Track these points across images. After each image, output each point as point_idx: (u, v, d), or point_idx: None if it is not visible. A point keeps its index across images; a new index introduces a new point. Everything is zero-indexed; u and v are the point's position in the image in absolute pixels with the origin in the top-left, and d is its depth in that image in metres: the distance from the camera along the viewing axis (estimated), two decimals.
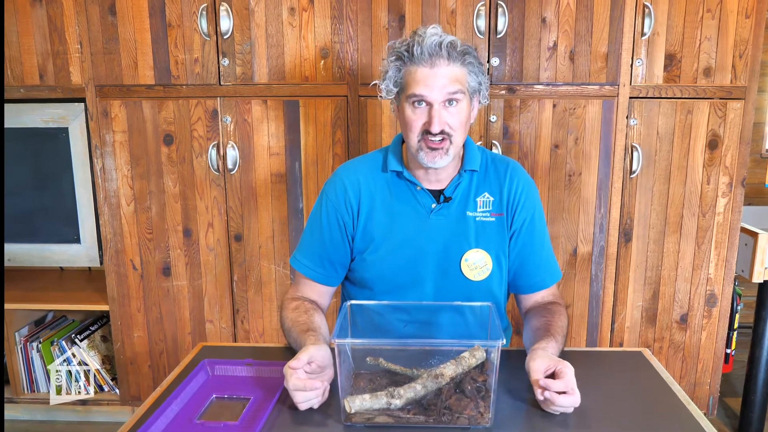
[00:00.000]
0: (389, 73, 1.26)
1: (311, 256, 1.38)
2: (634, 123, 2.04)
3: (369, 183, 1.35)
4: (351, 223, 1.35)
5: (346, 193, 1.35)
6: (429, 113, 1.22)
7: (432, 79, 1.21)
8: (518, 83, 2.04)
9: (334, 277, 1.39)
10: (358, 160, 1.42)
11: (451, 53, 1.21)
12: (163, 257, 2.23)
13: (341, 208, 1.35)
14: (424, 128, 1.23)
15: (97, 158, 2.17)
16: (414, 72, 1.22)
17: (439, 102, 1.22)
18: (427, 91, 1.21)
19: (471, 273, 1.32)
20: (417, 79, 1.22)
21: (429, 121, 1.22)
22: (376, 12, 2.01)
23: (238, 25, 2.04)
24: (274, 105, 2.09)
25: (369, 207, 1.34)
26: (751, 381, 2.24)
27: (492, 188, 1.34)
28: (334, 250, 1.36)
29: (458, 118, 1.24)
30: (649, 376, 1.24)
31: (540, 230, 1.37)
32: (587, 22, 1.99)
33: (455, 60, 1.22)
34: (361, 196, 1.34)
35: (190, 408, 1.12)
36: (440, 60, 1.21)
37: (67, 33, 2.10)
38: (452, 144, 1.25)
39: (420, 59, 1.21)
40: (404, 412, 1.04)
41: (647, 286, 2.16)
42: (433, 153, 1.24)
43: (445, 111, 1.23)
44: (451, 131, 1.24)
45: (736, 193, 2.08)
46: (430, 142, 1.24)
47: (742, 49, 1.99)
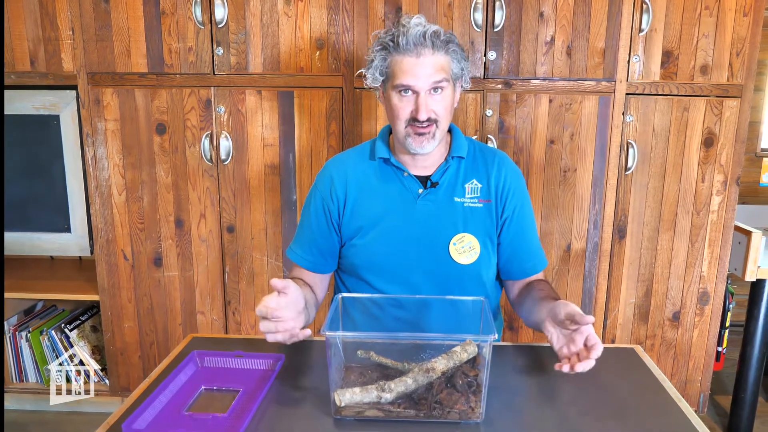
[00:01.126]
0: (375, 63, 1.29)
1: (303, 246, 1.43)
2: (630, 119, 2.04)
3: (357, 172, 1.39)
4: (336, 212, 1.39)
5: (333, 184, 1.39)
6: (416, 101, 1.26)
7: (418, 69, 1.24)
8: (515, 77, 2.03)
9: (323, 264, 1.43)
10: (347, 152, 1.47)
11: (435, 42, 1.25)
12: (155, 247, 2.21)
13: (327, 198, 1.39)
14: (411, 116, 1.27)
15: (89, 146, 2.15)
16: (400, 62, 1.26)
17: (425, 90, 1.26)
18: (413, 80, 1.25)
19: (459, 257, 1.34)
20: (403, 69, 1.25)
21: (416, 108, 1.26)
22: (372, 3, 1.99)
23: (233, 14, 2.02)
24: (269, 95, 2.07)
25: (356, 195, 1.38)
26: (741, 379, 2.25)
27: (480, 175, 1.38)
28: (322, 238, 1.40)
29: (443, 104, 1.28)
30: (641, 374, 1.23)
31: (529, 217, 1.41)
32: (585, 17, 1.98)
33: (439, 49, 1.25)
34: (348, 185, 1.38)
35: (179, 399, 1.10)
36: (425, 49, 1.24)
37: (59, 19, 2.07)
38: (438, 128, 1.29)
39: (405, 49, 1.24)
40: (395, 406, 1.03)
41: (640, 283, 2.16)
42: (420, 138, 1.28)
43: (430, 98, 1.27)
44: (437, 117, 1.28)
45: (730, 192, 2.08)
46: (416, 128, 1.28)
47: (740, 47, 1.98)
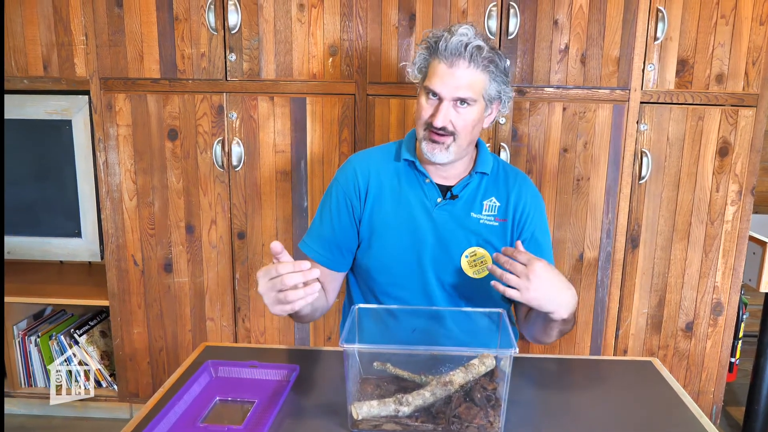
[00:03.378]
0: (417, 60, 1.30)
1: (320, 240, 1.39)
2: (645, 128, 2.02)
3: (380, 170, 1.38)
4: (359, 207, 1.38)
5: (356, 178, 1.38)
6: (437, 107, 1.26)
7: (448, 78, 1.23)
8: (528, 85, 2.01)
9: (342, 262, 1.40)
10: (373, 149, 1.46)
11: (474, 56, 1.23)
12: (165, 253, 2.21)
13: (350, 192, 1.37)
14: (430, 120, 1.27)
15: (100, 152, 2.15)
16: (435, 66, 1.26)
17: (448, 99, 1.25)
18: (440, 86, 1.24)
19: (470, 270, 1.34)
20: (436, 73, 1.25)
21: (434, 113, 1.26)
22: (386, 10, 1.99)
23: (246, 20, 2.02)
24: (281, 102, 2.07)
25: (377, 193, 1.37)
26: (754, 390, 2.22)
27: (500, 194, 1.37)
28: (343, 234, 1.38)
29: (465, 119, 1.26)
30: (660, 387, 1.22)
31: (545, 244, 1.39)
32: (600, 25, 1.96)
33: (477, 64, 1.23)
34: (370, 181, 1.37)
35: (193, 410, 1.09)
36: (461, 60, 1.23)
37: (72, 24, 2.08)
38: (455, 142, 1.28)
39: (443, 55, 1.24)
40: (412, 419, 1.02)
41: (653, 293, 2.14)
42: (432, 145, 1.28)
43: (453, 109, 1.25)
44: (455, 130, 1.26)
45: (745, 202, 2.06)
46: (432, 134, 1.27)
47: (756, 56, 1.97)
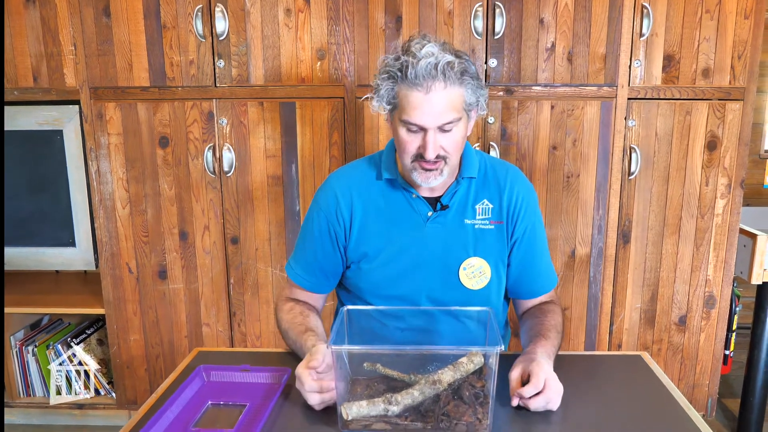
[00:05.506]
0: (381, 92, 1.19)
1: (303, 265, 1.36)
2: (633, 124, 2.03)
3: (362, 192, 1.31)
4: (343, 234, 1.31)
5: (338, 204, 1.30)
6: (424, 138, 1.17)
7: (427, 106, 1.14)
8: (516, 84, 2.03)
9: (326, 285, 1.38)
10: (351, 166, 1.38)
11: (448, 75, 1.13)
12: (159, 260, 2.22)
13: (332, 218, 1.31)
14: (419, 152, 1.19)
15: (92, 161, 2.15)
16: (408, 95, 1.15)
17: (433, 128, 1.16)
18: (422, 119, 1.15)
19: (469, 282, 1.29)
20: (411, 104, 1.14)
21: (423, 146, 1.17)
22: (372, 13, 2.00)
23: (234, 27, 2.03)
24: (270, 107, 2.08)
25: (362, 217, 1.30)
26: (749, 382, 2.23)
27: (491, 195, 1.31)
28: (326, 260, 1.34)
29: (453, 141, 1.19)
30: (649, 382, 1.22)
31: (540, 238, 1.36)
32: (585, 23, 1.98)
33: (452, 82, 1.14)
34: (353, 206, 1.30)
35: (185, 415, 1.10)
36: (436, 83, 1.13)
37: (60, 35, 2.08)
38: (447, 165, 1.21)
39: (414, 82, 1.13)
40: (402, 418, 1.03)
41: (646, 288, 2.15)
42: (426, 174, 1.20)
43: (440, 135, 1.17)
44: (446, 154, 1.19)
45: (734, 195, 2.07)
46: (424, 164, 1.19)
47: (741, 49, 1.98)
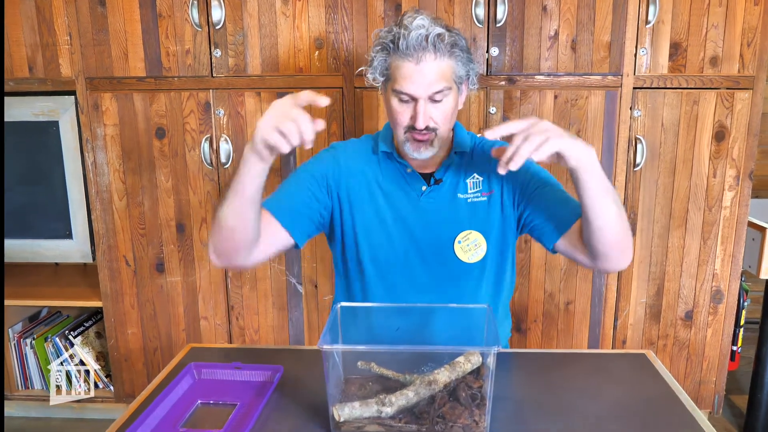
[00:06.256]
0: (375, 63, 1.24)
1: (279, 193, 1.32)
2: (638, 114, 1.98)
3: (361, 163, 1.35)
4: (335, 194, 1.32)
5: (338, 167, 1.33)
6: (414, 108, 1.21)
7: (418, 76, 1.18)
8: (518, 73, 1.98)
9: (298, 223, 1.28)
10: (351, 142, 1.43)
11: (438, 46, 1.17)
12: (156, 253, 2.19)
13: (329, 173, 1.32)
14: (410, 122, 1.22)
15: (88, 152, 2.13)
16: (400, 66, 1.19)
17: (424, 98, 1.20)
18: (412, 88, 1.19)
19: (465, 255, 1.31)
20: (403, 74, 1.19)
21: (414, 116, 1.21)
22: (371, 1, 1.95)
23: (230, 15, 1.99)
24: (268, 97, 2.04)
25: (359, 187, 1.33)
26: (757, 378, 2.19)
27: (480, 168, 1.34)
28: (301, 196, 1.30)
29: (443, 112, 1.23)
30: (653, 381, 1.19)
31: (545, 177, 1.31)
32: (590, 10, 1.92)
33: (443, 53, 1.18)
34: (351, 175, 1.33)
35: (174, 414, 1.07)
36: (427, 54, 1.17)
37: (55, 24, 2.05)
38: (437, 136, 1.25)
39: (405, 53, 1.17)
40: (395, 420, 1.00)
41: (651, 282, 2.11)
42: (418, 144, 1.24)
43: (430, 106, 1.21)
44: (436, 125, 1.23)
45: (743, 187, 2.02)
46: (415, 134, 1.23)
47: (750, 37, 1.92)
